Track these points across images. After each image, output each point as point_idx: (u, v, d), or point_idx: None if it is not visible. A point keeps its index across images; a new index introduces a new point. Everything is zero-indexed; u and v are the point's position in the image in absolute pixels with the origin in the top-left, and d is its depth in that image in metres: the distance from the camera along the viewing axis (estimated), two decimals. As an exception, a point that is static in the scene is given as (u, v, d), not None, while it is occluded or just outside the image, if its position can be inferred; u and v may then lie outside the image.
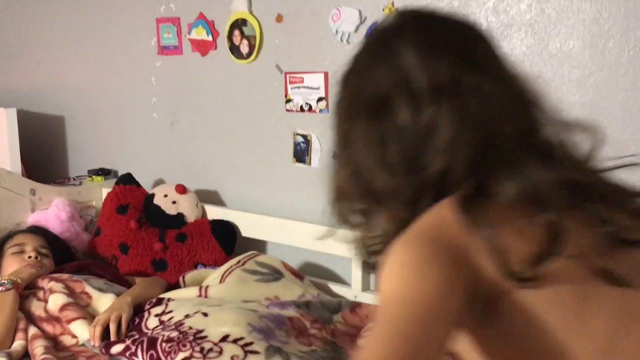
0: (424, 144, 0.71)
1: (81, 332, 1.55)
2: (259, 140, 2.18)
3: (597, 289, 0.66)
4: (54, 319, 1.60)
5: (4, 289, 1.64)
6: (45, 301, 1.63)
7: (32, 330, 1.56)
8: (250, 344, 1.37)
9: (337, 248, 1.92)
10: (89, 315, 1.59)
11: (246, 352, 1.35)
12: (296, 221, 2.04)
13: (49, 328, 1.59)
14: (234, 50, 2.16)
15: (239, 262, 1.83)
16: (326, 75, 1.96)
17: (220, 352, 1.34)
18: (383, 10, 1.82)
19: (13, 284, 1.66)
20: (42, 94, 2.87)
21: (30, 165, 2.61)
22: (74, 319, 1.56)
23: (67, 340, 1.58)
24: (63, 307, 1.58)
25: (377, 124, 0.75)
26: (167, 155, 2.46)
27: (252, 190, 2.24)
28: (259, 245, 2.17)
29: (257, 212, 2.14)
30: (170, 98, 2.41)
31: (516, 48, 1.64)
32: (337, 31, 1.92)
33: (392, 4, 1.81)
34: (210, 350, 1.34)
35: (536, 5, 1.60)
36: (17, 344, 1.52)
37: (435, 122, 0.70)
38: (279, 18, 2.03)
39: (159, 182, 2.44)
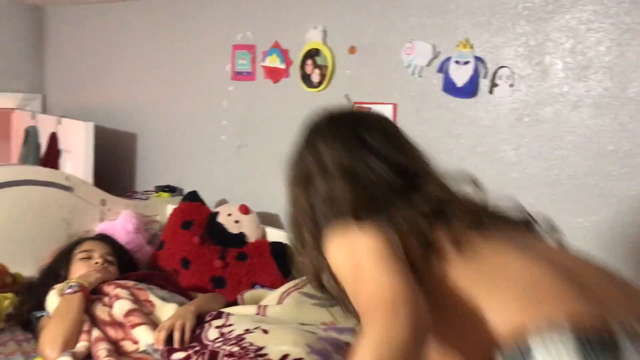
0: (331, 203, 1.06)
1: (144, 337, 1.58)
2: (323, 167, 2.21)
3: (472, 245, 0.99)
4: (117, 324, 1.65)
5: (72, 291, 1.71)
6: (110, 306, 1.68)
7: (96, 332, 1.61)
8: None
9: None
10: (152, 323, 1.63)
11: None
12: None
13: (111, 332, 1.63)
14: (305, 78, 2.22)
15: (297, 284, 1.83)
16: (395, 106, 1.99)
17: None
18: (457, 46, 1.84)
19: (80, 287, 1.72)
20: (118, 112, 3.01)
21: (101, 177, 2.73)
22: (138, 325, 1.60)
23: (128, 345, 1.61)
24: (128, 313, 1.63)
25: (305, 191, 1.11)
26: (232, 176, 2.52)
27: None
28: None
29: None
30: (240, 122, 2.48)
31: (592, 90, 1.62)
32: (409, 64, 1.95)
33: (467, 40, 1.83)
34: None
35: (616, 48, 1.59)
36: (81, 345, 1.57)
37: (339, 189, 1.05)
38: (352, 50, 2.08)
39: (221, 202, 2.50)
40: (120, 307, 1.65)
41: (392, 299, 0.86)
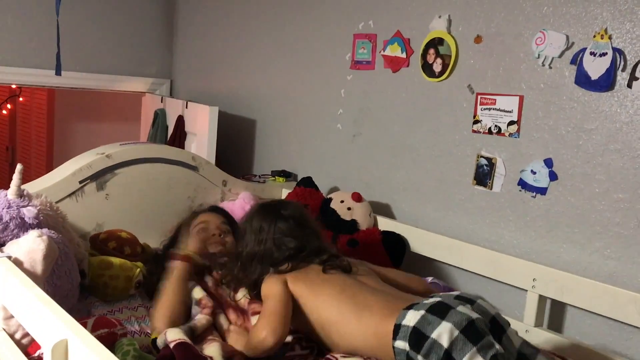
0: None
1: None
2: (439, 158, 2.18)
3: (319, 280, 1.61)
4: (239, 309, 1.71)
5: (178, 261, 1.77)
6: (235, 291, 1.76)
7: (219, 311, 1.69)
8: None
9: (513, 278, 1.85)
10: None
11: None
12: (470, 244, 2.00)
13: (232, 316, 1.70)
14: (426, 68, 2.19)
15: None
16: (521, 98, 1.92)
17: None
18: (594, 37, 1.74)
19: (185, 257, 1.78)
20: (239, 98, 3.13)
21: (222, 160, 2.86)
22: (257, 313, 1.65)
23: None
24: (251, 301, 1.69)
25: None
26: (346, 164, 2.55)
27: (425, 207, 2.23)
28: (426, 263, 2.15)
29: (428, 230, 2.13)
30: (356, 111, 2.50)
31: None
32: (539, 55, 1.86)
33: (605, 30, 1.72)
34: None
35: None
36: (202, 317, 1.64)
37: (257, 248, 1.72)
38: (478, 39, 2.03)
39: (334, 190, 2.54)
40: (245, 294, 1.71)
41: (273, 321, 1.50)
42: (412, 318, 1.32)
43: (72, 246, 1.85)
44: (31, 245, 1.55)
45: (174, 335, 1.48)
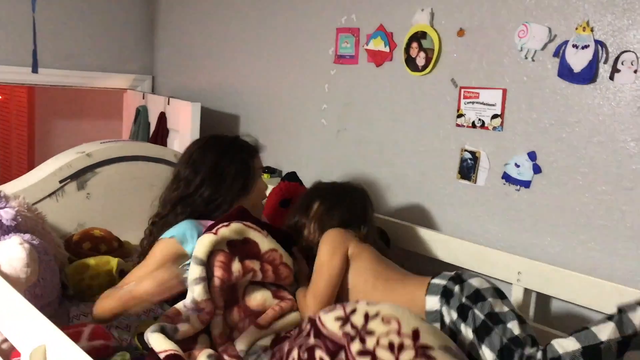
0: None
1: None
2: (424, 152, 2.17)
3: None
4: (249, 311, 1.66)
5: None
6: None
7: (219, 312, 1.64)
8: None
9: (498, 271, 1.85)
10: None
11: None
12: (455, 238, 2.00)
13: (235, 316, 1.65)
14: (410, 62, 2.18)
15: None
16: (504, 92, 1.91)
17: None
18: (576, 29, 1.74)
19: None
20: (222, 94, 3.10)
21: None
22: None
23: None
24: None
25: None
26: (331, 160, 2.53)
27: (410, 201, 2.23)
28: (411, 257, 2.15)
29: (413, 224, 2.13)
30: (341, 106, 2.48)
31: None
32: (522, 48, 1.86)
33: (587, 22, 1.72)
34: None
35: None
36: (195, 322, 1.55)
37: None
38: (461, 32, 2.02)
39: (319, 185, 2.52)
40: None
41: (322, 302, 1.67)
42: (440, 282, 1.54)
43: (53, 248, 1.82)
44: (12, 254, 1.52)
45: (161, 345, 1.39)
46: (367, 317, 1.23)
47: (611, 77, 1.68)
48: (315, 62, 2.57)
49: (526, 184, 1.88)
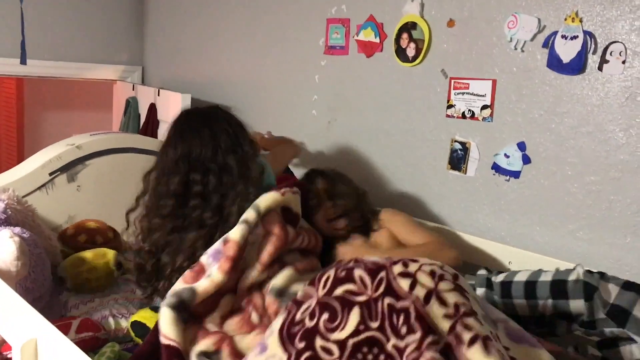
0: None
1: None
2: (414, 143, 2.18)
3: None
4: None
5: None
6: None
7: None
8: None
9: (488, 260, 1.87)
10: None
11: None
12: (445, 227, 2.01)
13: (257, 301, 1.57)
14: (400, 53, 2.18)
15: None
16: (494, 82, 1.92)
17: None
18: (565, 20, 1.74)
19: None
20: (212, 84, 3.09)
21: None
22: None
23: None
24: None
25: None
26: (321, 151, 2.54)
27: (401, 192, 2.24)
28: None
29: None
30: (331, 97, 2.48)
31: None
32: (511, 39, 1.86)
33: (576, 13, 1.72)
34: None
35: None
36: (217, 276, 1.45)
37: None
38: (451, 23, 2.02)
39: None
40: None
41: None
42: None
43: (43, 240, 1.82)
44: (2, 247, 1.52)
45: (167, 329, 1.32)
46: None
47: (600, 68, 1.69)
48: (306, 53, 2.56)
49: (516, 175, 1.89)
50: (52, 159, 2.20)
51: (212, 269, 1.43)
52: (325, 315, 1.14)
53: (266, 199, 1.54)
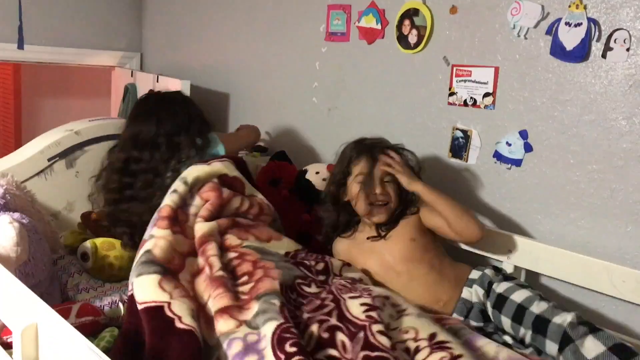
0: None
1: None
2: (415, 131, 2.17)
3: None
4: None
5: None
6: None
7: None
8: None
9: (488, 249, 1.86)
10: None
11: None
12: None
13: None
14: (402, 39, 2.16)
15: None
16: (497, 70, 1.90)
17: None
18: (569, 7, 1.73)
19: None
20: (211, 71, 3.07)
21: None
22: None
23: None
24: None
25: None
26: (321, 138, 2.52)
27: (402, 181, 2.23)
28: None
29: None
30: (331, 84, 2.47)
31: None
32: (514, 26, 1.85)
33: (580, 0, 1.71)
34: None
35: None
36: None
37: None
38: (454, 9, 2.00)
39: (308, 163, 2.51)
40: None
41: None
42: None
43: (42, 226, 1.81)
44: (1, 233, 1.51)
45: (144, 293, 1.34)
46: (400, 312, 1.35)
47: (603, 55, 1.68)
48: (307, 40, 2.54)
49: (517, 163, 1.89)
50: (50, 144, 2.18)
51: (152, 232, 1.54)
52: None
53: (192, 171, 1.70)
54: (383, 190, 1.80)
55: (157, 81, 3.01)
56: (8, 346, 1.35)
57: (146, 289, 1.36)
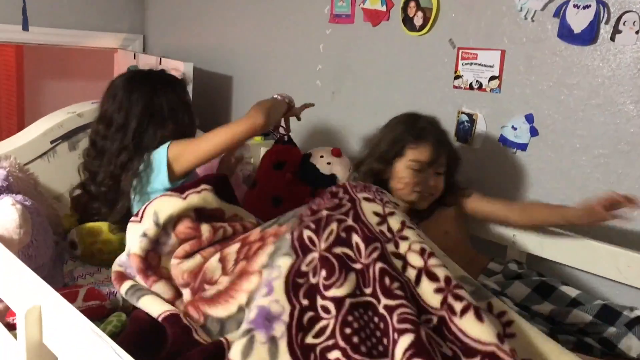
0: None
1: None
2: (420, 115, 2.15)
3: None
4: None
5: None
6: None
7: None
8: None
9: (493, 233, 1.86)
10: None
11: None
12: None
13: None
14: (407, 21, 2.13)
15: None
16: (503, 53, 1.88)
17: None
18: (577, -13, 1.70)
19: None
20: (215, 54, 3.04)
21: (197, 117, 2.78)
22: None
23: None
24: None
25: None
26: (325, 122, 2.51)
27: (406, 164, 2.21)
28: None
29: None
30: (336, 67, 2.44)
31: None
32: (521, 8, 1.82)
33: (589, -19, 1.68)
34: None
35: None
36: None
37: None
38: (460, -9, 1.98)
39: (312, 147, 2.50)
40: None
41: None
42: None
43: (45, 209, 1.80)
44: (4, 215, 1.50)
45: (156, 308, 1.33)
46: (403, 224, 1.26)
47: (612, 38, 1.66)
48: (311, 22, 2.51)
49: (523, 147, 1.87)
50: (53, 127, 2.17)
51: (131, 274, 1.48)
52: (323, 273, 1.17)
53: (166, 208, 1.44)
54: (435, 184, 1.76)
55: (160, 63, 2.99)
56: (12, 327, 1.35)
57: (153, 305, 1.36)
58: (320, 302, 1.16)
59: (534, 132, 1.84)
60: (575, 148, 1.76)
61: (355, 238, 1.22)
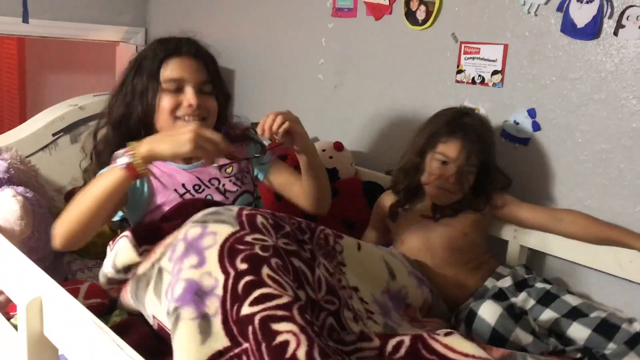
0: None
1: None
2: (423, 109, 2.14)
3: None
4: None
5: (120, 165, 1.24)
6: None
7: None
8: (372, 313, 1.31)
9: (494, 228, 1.85)
10: None
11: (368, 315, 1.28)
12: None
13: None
14: (409, 15, 2.13)
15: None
16: (506, 47, 1.87)
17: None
18: (581, -19, 1.69)
19: (127, 165, 1.22)
20: (217, 47, 3.02)
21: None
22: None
23: None
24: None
25: None
26: (327, 116, 2.50)
27: (408, 159, 2.21)
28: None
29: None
30: (338, 61, 2.44)
31: None
32: (524, 2, 1.81)
33: (593, -25, 1.67)
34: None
35: None
36: None
37: None
38: (463, -15, 1.97)
39: (315, 141, 2.50)
40: None
41: None
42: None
43: (47, 201, 1.80)
44: (5, 206, 1.51)
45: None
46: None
47: (615, 33, 1.65)
48: (313, 15, 2.51)
49: (525, 142, 1.87)
50: (55, 119, 2.17)
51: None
52: (275, 259, 1.06)
53: (123, 259, 1.32)
54: (455, 183, 1.70)
55: (162, 57, 2.98)
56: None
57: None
58: (265, 270, 1.01)
59: (536, 126, 1.84)
60: (577, 143, 1.76)
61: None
